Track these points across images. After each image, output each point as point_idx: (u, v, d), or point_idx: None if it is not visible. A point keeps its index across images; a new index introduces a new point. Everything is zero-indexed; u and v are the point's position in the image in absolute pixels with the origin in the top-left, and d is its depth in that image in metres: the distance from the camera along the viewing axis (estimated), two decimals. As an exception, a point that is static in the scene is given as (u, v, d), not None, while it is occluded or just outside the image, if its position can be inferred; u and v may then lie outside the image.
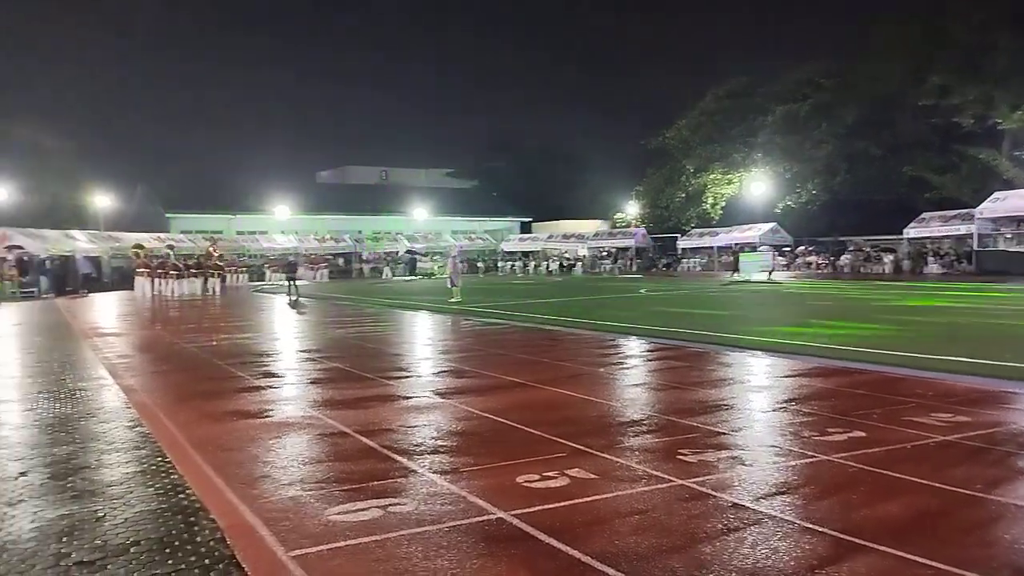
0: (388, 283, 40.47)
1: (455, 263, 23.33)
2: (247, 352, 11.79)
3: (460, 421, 6.54)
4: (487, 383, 8.42)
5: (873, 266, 39.50)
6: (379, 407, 7.16)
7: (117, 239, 41.29)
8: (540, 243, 56.87)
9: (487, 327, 15.33)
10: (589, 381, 8.45)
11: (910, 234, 38.63)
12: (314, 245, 51.30)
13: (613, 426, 6.27)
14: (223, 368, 10.02)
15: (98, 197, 46.98)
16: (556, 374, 8.91)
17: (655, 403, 7.25)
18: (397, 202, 60.05)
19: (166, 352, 12.18)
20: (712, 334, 12.46)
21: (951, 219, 37.38)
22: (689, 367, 9.34)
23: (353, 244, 52.50)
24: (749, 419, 6.46)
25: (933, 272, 35.86)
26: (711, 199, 52.79)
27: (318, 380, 8.91)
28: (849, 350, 10.18)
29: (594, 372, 9.08)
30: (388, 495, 4.58)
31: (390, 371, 9.47)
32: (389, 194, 62.89)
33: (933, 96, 39.53)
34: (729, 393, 7.57)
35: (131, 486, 4.88)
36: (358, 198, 60.83)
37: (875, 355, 9.66)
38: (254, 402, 7.57)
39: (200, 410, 7.20)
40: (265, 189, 54.29)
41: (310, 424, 6.51)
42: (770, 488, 4.62)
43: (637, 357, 10.67)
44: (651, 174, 56.50)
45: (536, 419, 6.43)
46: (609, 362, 9.96)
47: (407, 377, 9.04)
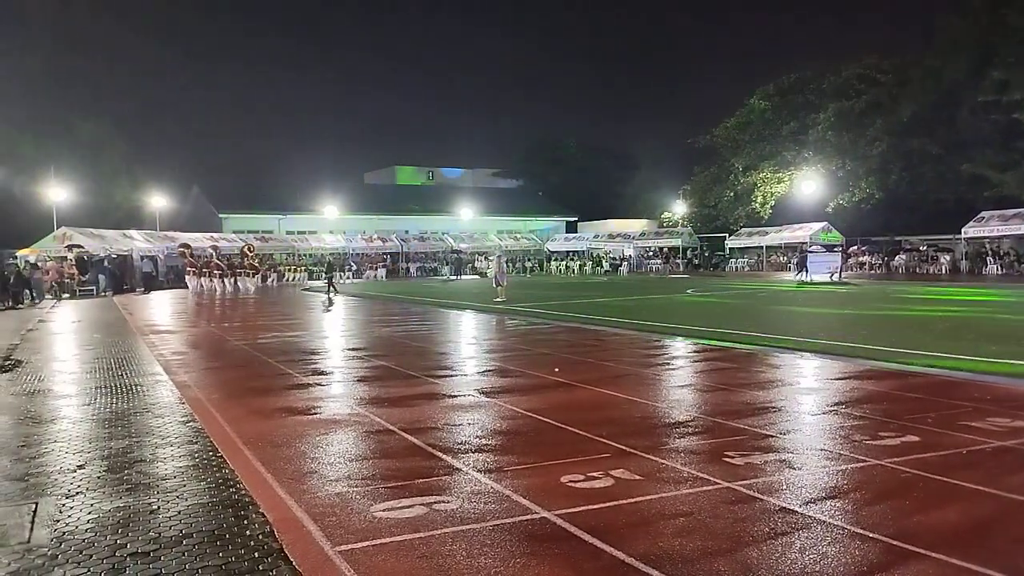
0: (435, 283, 40.76)
1: (500, 263, 23.39)
2: (295, 350, 11.98)
3: (504, 420, 6.56)
4: (531, 383, 8.43)
5: (929, 267, 38.44)
6: (424, 405, 7.23)
7: (173, 239, 42.37)
8: (586, 243, 56.69)
9: (532, 327, 15.33)
10: (634, 382, 8.40)
11: (968, 234, 37.48)
12: (361, 245, 51.94)
13: (658, 427, 6.23)
14: (272, 365, 10.21)
15: (154, 198, 48.26)
16: (601, 374, 8.87)
17: (701, 404, 7.18)
18: (443, 202, 60.45)
19: (217, 349, 12.45)
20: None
21: (1011, 218, 36.16)
22: (735, 368, 9.22)
23: (400, 243, 53.03)
24: (798, 422, 6.35)
25: (992, 273, 34.77)
26: (760, 198, 51.95)
27: (365, 378, 9.02)
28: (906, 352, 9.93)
29: (639, 373, 9.03)
30: (433, 493, 4.62)
31: (436, 370, 9.54)
32: (435, 194, 63.34)
33: (994, 92, 38.30)
34: (778, 395, 7.46)
35: (184, 480, 5.01)
36: (405, 198, 61.43)
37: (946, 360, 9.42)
38: (302, 399, 7.70)
39: (250, 406, 7.35)
40: (314, 190, 55.15)
41: (357, 421, 6.60)
42: (819, 492, 4.55)
43: (683, 358, 10.58)
44: (699, 173, 55.86)
45: (580, 419, 6.42)
46: (656, 363, 9.89)
47: (452, 376, 9.09)
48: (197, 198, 55.79)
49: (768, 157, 51.43)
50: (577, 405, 7.16)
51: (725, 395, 7.53)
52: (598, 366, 9.59)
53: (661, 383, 8.41)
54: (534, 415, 6.68)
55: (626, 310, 18.60)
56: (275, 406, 7.33)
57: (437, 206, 60.07)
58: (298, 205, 54.19)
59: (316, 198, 54.02)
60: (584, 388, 8.00)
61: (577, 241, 58.06)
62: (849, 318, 15.75)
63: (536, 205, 65.88)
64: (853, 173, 46.86)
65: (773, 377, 8.59)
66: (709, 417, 6.53)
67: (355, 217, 55.46)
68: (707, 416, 6.58)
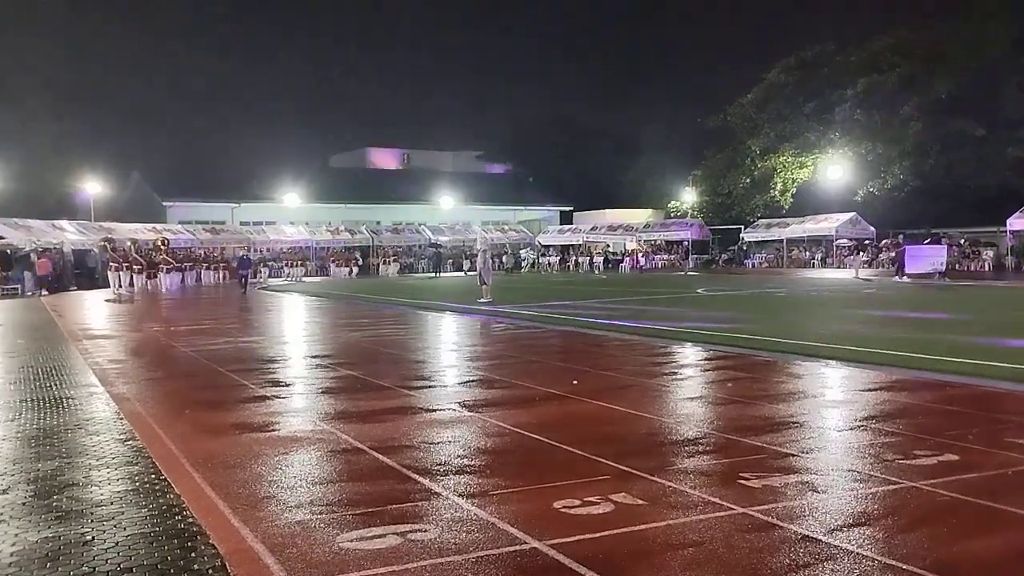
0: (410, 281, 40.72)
1: (486, 258, 23.37)
2: (251, 357, 11.93)
3: (490, 437, 6.56)
4: (521, 395, 8.43)
5: (970, 263, 38.74)
6: (398, 421, 7.21)
7: (110, 230, 42.12)
8: (582, 235, 56.82)
9: (521, 331, 15.33)
10: (637, 393, 8.42)
11: (1014, 226, 37.72)
12: (326, 238, 51.83)
13: (665, 445, 6.24)
14: (224, 375, 10.16)
15: (89, 184, 47.93)
16: (599, 385, 8.88)
17: (713, 419, 7.20)
18: (420, 189, 60.38)
19: (161, 356, 12.38)
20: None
21: (1063, 208, 36.53)
22: (751, 378, 9.25)
23: (370, 236, 52.97)
24: (823, 439, 6.38)
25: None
26: (780, 185, 52.18)
27: (330, 390, 9.00)
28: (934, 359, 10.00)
29: (643, 383, 9.04)
30: (408, 520, 4.61)
31: (411, 380, 9.52)
32: (411, 180, 63.26)
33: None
34: (800, 408, 7.49)
35: (122, 506, 4.97)
36: (376, 184, 61.31)
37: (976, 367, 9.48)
38: (259, 414, 7.67)
39: (199, 422, 7.31)
40: (273, 175, 54.94)
41: (321, 439, 6.58)
42: (846, 519, 4.56)
43: (693, 366, 10.60)
44: (710, 157, 56.05)
45: (576, 436, 6.42)
46: (663, 372, 9.91)
47: (430, 387, 9.08)
48: (138, 184, 55.52)
49: (789, 138, 51.65)
50: (572, 420, 7.16)
51: (740, 408, 7.56)
52: (596, 376, 9.60)
53: (668, 395, 8.43)
54: (523, 432, 6.68)
55: (628, 312, 18.63)
56: (228, 422, 7.29)
57: (413, 193, 60.01)
58: (255, 192, 54.03)
59: (275, 184, 53.89)
60: (580, 401, 8.01)
61: (573, 234, 58.19)
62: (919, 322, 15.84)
63: (526, 193, 65.96)
64: (884, 157, 47.15)
65: (795, 388, 8.62)
66: (722, 433, 6.55)
67: (320, 206, 55.34)
68: (720, 432, 6.60)
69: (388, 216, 58.01)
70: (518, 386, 8.95)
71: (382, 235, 54.24)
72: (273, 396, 8.60)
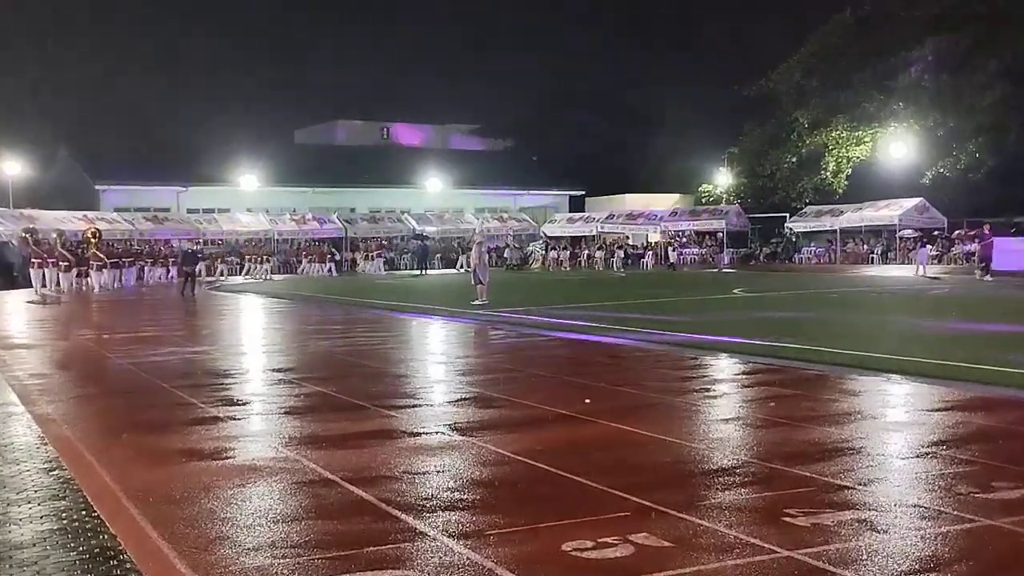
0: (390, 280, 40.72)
1: (481, 252, 23.37)
2: (201, 371, 11.92)
3: (486, 467, 6.55)
4: (523, 415, 8.42)
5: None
6: (377, 447, 7.20)
7: (32, 219, 42.13)
8: (596, 225, 56.86)
9: (524, 339, 15.31)
10: (662, 414, 8.41)
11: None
12: (290, 227, 51.84)
13: (694, 475, 6.23)
14: (169, 392, 10.15)
15: (6, 163, 47.91)
16: (617, 404, 8.87)
17: (753, 445, 7.19)
18: (402, 170, 60.38)
19: (94, 369, 12.38)
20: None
21: None
22: (797, 395, 9.25)
23: (343, 225, 52.99)
24: (883, 468, 6.38)
25: None
26: (833, 164, 52.14)
27: (295, 409, 8.99)
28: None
29: (669, 402, 9.04)
30: (388, 566, 4.60)
31: (392, 398, 9.51)
32: (392, 159, 63.26)
33: None
34: (856, 432, 7.48)
35: (46, 548, 4.95)
36: (350, 164, 61.21)
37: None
38: (211, 438, 7.66)
39: (139, 448, 7.30)
40: (227, 153, 54.90)
41: (284, 469, 6.57)
42: (912, 563, 4.55)
43: (729, 381, 10.58)
44: (750, 132, 56.07)
45: (589, 465, 6.41)
46: (693, 388, 9.90)
47: (415, 406, 9.07)
48: (66, 164, 55.50)
49: (843, 109, 51.60)
50: (585, 446, 7.15)
51: (785, 432, 7.55)
52: (613, 393, 9.58)
53: (699, 416, 8.42)
54: (526, 460, 6.66)
55: (651, 317, 18.60)
56: (173, 447, 7.28)
57: (394, 175, 59.99)
58: (205, 174, 53.96)
59: (230, 164, 53.85)
60: (594, 423, 8.00)
61: (585, 223, 58.21)
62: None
63: (530, 174, 65.91)
64: (957, 132, 47.14)
65: (850, 407, 8.61)
66: (763, 462, 6.54)
67: (282, 189, 55.39)
68: (760, 460, 6.59)
69: (364, 202, 58.03)
70: (520, 405, 8.94)
71: (357, 224, 54.28)
72: (227, 417, 8.59)
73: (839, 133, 51.65)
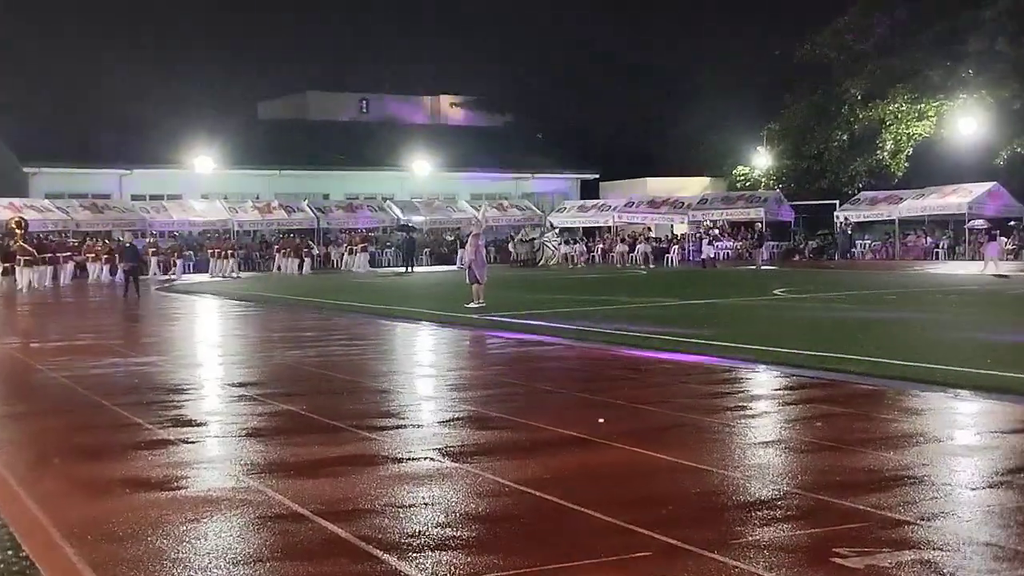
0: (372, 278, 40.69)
1: (478, 246, 23.35)
2: (149, 385, 11.90)
3: (482, 499, 6.54)
4: (526, 438, 8.42)
5: None
6: (355, 475, 7.20)
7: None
8: (613, 214, 56.74)
9: (527, 348, 15.31)
10: (690, 436, 8.40)
11: None
12: (253, 217, 51.72)
13: (728, 509, 6.22)
14: (111, 411, 10.14)
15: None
16: (637, 424, 8.87)
17: (796, 472, 7.19)
18: (385, 149, 60.24)
19: (21, 384, 12.36)
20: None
21: None
22: (849, 414, 9.24)
23: (315, 215, 52.91)
24: (950, 500, 6.37)
25: None
26: (890, 143, 52.04)
27: (259, 431, 8.99)
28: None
29: (699, 422, 9.03)
30: (368, 615, 4.60)
31: (373, 418, 9.50)
32: (372, 137, 63.10)
33: None
34: (917, 457, 7.47)
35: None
36: (323, 143, 61.02)
37: None
38: (159, 465, 7.65)
39: (75, 477, 7.29)
40: (178, 130, 54.59)
41: (246, 501, 6.56)
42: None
43: (769, 398, 10.57)
44: (792, 105, 55.97)
45: (604, 497, 6.40)
46: (726, 406, 9.89)
47: (399, 427, 9.07)
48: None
49: (903, 78, 51.46)
50: (599, 474, 7.15)
51: (834, 457, 7.54)
52: (633, 412, 9.58)
53: (733, 438, 8.42)
54: (530, 490, 6.66)
55: (675, 321, 18.58)
56: (115, 476, 7.28)
57: (375, 155, 59.85)
58: (152, 155, 53.76)
59: (181, 144, 53.59)
60: (610, 446, 8.00)
61: (599, 212, 58.04)
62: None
63: (534, 155, 65.73)
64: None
65: (910, 428, 8.59)
66: (808, 493, 6.53)
67: (244, 173, 55.22)
68: (805, 491, 6.58)
69: (339, 187, 57.89)
70: (522, 426, 8.94)
71: (331, 214, 54.13)
72: (179, 440, 8.59)
73: (898, 106, 51.49)
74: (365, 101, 71.07)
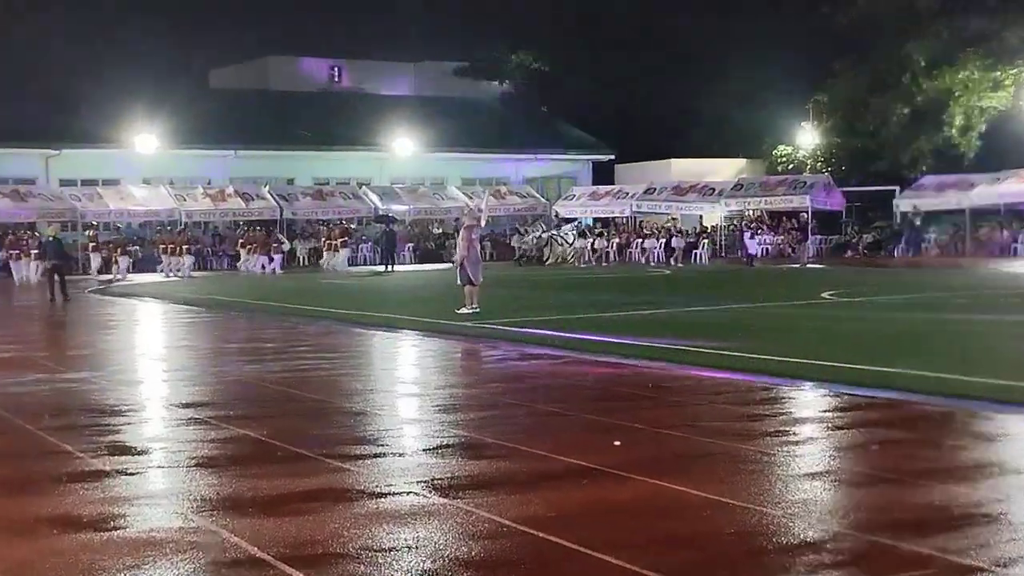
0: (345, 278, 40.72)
1: (471, 240, 23.31)
2: (79, 406, 11.90)
3: (476, 541, 6.53)
4: (528, 468, 8.40)
5: None
6: (324, 513, 7.19)
7: None
8: (631, 202, 56.70)
9: (529, 362, 15.31)
10: (722, 467, 8.39)
11: None
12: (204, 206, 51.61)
13: (767, 553, 6.22)
14: (35, 436, 10.12)
15: None
16: (658, 452, 8.88)
17: (848, 509, 7.18)
18: (361, 126, 60.23)
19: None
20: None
21: None
22: (911, 440, 9.24)
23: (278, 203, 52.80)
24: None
25: None
26: (960, 118, 52.02)
27: (212, 461, 8.97)
28: None
29: (732, 449, 9.02)
30: None
31: (345, 444, 9.49)
32: (346, 111, 63.08)
33: None
34: (993, 491, 7.47)
35: None
36: (287, 118, 60.99)
37: None
38: (93, 501, 7.63)
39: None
40: (114, 103, 54.54)
41: (196, 543, 6.55)
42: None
43: (816, 421, 10.56)
44: (843, 74, 55.96)
45: (620, 538, 6.40)
46: (764, 430, 9.89)
47: (377, 456, 9.07)
48: None
49: (974, 42, 51.49)
50: (614, 511, 7.14)
51: (893, 491, 7.54)
52: (653, 437, 9.58)
53: (773, 469, 8.41)
54: (532, 531, 6.65)
55: (704, 330, 18.58)
56: (42, 514, 7.26)
57: (350, 133, 59.85)
58: (84, 132, 53.72)
59: (118, 119, 53.53)
60: (627, 478, 7.99)
61: (613, 199, 57.94)
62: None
63: (538, 132, 65.75)
64: None
65: (983, 457, 8.60)
66: (863, 534, 6.53)
67: (192, 154, 55.17)
68: (859, 532, 6.58)
69: (306, 170, 57.87)
70: (524, 454, 8.93)
71: (297, 202, 54.03)
72: (116, 471, 8.57)
73: (969, 74, 51.49)
74: (336, 68, 70.99)
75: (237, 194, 52.69)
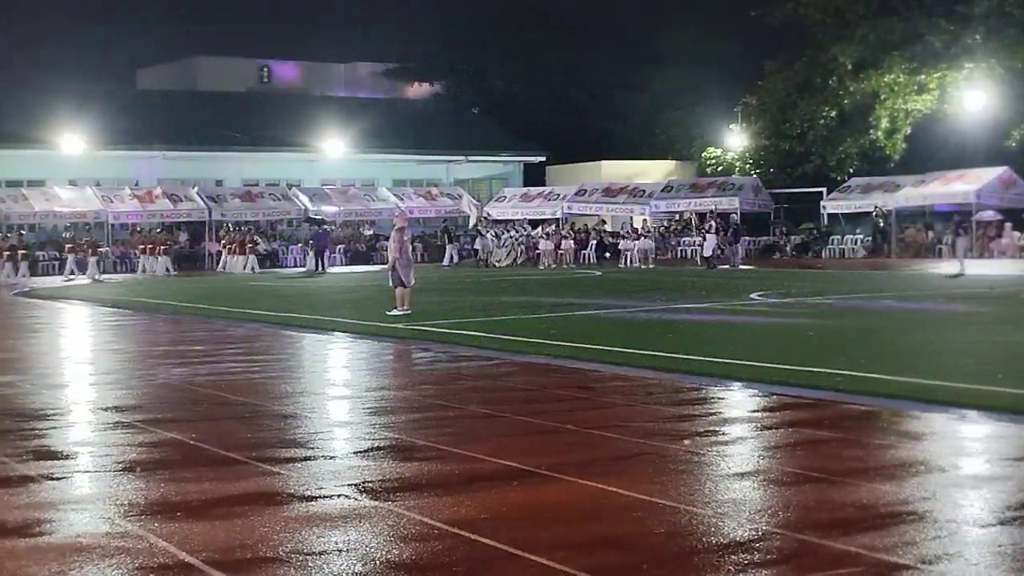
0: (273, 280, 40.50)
1: (402, 241, 23.26)
2: (4, 409, 11.73)
3: (408, 543, 6.52)
4: (460, 471, 8.40)
5: None
6: (254, 516, 7.15)
7: None
8: (561, 203, 56.81)
9: (461, 363, 15.31)
10: (653, 467, 8.43)
11: None
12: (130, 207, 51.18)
13: (697, 552, 6.25)
14: (-42, 441, 10.00)
15: None
16: (590, 453, 8.89)
17: (777, 509, 7.24)
18: (291, 126, 59.92)
19: None
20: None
21: None
22: (838, 439, 9.32)
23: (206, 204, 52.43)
24: (955, 540, 6.44)
25: None
26: (886, 120, 52.52)
27: (139, 464, 8.89)
28: None
29: (663, 450, 9.07)
30: None
31: (275, 447, 9.46)
32: (274, 111, 62.80)
33: None
34: (919, 490, 7.55)
35: None
36: (216, 118, 60.62)
37: None
38: (17, 506, 7.54)
39: (-86, 522, 7.18)
40: (39, 102, 54.11)
41: (123, 549, 6.49)
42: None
43: (745, 421, 10.64)
44: (773, 74, 56.37)
45: (553, 540, 6.42)
46: (695, 430, 9.94)
47: (307, 459, 9.03)
48: None
49: (900, 45, 51.96)
50: (547, 513, 7.16)
51: (821, 490, 7.60)
52: (586, 438, 9.60)
53: (703, 469, 8.46)
54: (465, 532, 6.65)
55: (635, 331, 18.63)
56: (-37, 521, 7.18)
57: (278, 133, 59.54)
58: (8, 132, 53.09)
59: (44, 119, 52.96)
60: (559, 479, 8.01)
61: (544, 201, 58.01)
62: None
63: (468, 133, 65.72)
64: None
65: (910, 455, 8.69)
66: (791, 533, 6.58)
67: (119, 154, 54.75)
68: (787, 531, 6.63)
69: (235, 171, 57.54)
70: (456, 456, 8.92)
71: (226, 203, 53.68)
72: (41, 476, 8.48)
73: (894, 77, 51.97)
74: (266, 68, 70.66)
75: (165, 195, 52.29)
